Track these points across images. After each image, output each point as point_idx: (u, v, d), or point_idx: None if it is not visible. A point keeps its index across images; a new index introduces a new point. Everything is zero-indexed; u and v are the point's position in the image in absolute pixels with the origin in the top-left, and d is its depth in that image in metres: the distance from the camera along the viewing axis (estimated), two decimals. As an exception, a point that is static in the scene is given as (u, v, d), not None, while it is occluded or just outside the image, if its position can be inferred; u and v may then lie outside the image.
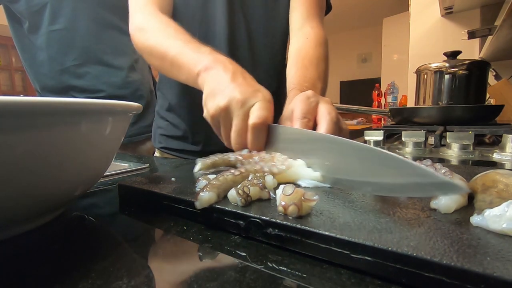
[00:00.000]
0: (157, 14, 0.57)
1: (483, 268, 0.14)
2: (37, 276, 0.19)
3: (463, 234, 0.18)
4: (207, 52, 0.48)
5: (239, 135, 0.40)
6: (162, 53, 0.52)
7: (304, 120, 0.38)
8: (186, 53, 0.49)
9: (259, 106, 0.39)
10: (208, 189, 0.25)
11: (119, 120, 0.29)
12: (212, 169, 0.36)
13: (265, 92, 0.41)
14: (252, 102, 0.39)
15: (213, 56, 0.46)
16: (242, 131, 0.40)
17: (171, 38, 0.52)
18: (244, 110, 0.39)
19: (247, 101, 0.39)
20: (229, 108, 0.40)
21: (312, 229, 0.19)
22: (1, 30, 3.67)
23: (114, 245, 0.25)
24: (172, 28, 0.54)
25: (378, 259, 0.17)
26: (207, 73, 0.45)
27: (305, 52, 0.61)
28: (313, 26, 0.65)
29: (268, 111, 0.39)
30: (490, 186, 0.22)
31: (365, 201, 0.25)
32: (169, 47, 0.51)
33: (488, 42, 1.46)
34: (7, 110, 0.18)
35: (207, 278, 0.18)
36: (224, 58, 0.46)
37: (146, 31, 0.56)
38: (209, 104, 0.42)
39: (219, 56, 0.46)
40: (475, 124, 0.83)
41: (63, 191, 0.26)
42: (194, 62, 0.47)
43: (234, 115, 0.40)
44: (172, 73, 0.53)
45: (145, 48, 0.57)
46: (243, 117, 0.39)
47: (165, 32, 0.54)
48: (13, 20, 0.97)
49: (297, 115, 0.39)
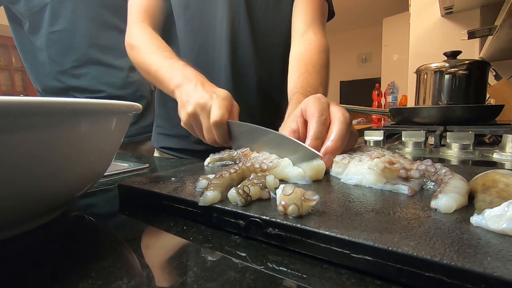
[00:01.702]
0: (145, 31, 0.65)
1: (483, 268, 0.14)
2: (37, 276, 0.19)
3: (463, 234, 0.18)
4: (180, 69, 0.56)
5: (208, 132, 0.49)
6: (146, 69, 0.61)
7: (322, 118, 0.38)
8: (163, 70, 0.57)
9: (215, 105, 0.46)
10: (212, 188, 0.26)
11: (119, 120, 0.29)
12: (219, 162, 0.43)
13: (219, 92, 0.48)
14: (210, 103, 0.47)
15: (182, 73, 0.55)
16: (209, 129, 0.48)
17: (152, 55, 0.61)
18: (206, 112, 0.47)
19: (206, 103, 0.47)
20: (196, 113, 0.49)
21: (312, 228, 0.19)
22: (1, 30, 3.67)
23: (114, 245, 0.25)
24: (154, 45, 0.62)
25: (378, 259, 0.17)
26: (179, 89, 0.53)
27: (308, 57, 0.62)
28: (316, 32, 0.66)
29: (223, 108, 0.46)
30: (490, 186, 0.22)
31: (365, 200, 0.25)
32: (150, 64, 0.60)
33: (488, 42, 1.46)
34: (7, 110, 0.18)
35: (207, 278, 0.18)
36: (192, 73, 0.54)
37: (133, 48, 0.65)
38: (181, 114, 0.52)
39: (188, 72, 0.55)
40: (475, 124, 0.83)
41: (63, 191, 0.26)
42: (169, 80, 0.56)
43: (200, 117, 0.48)
44: (158, 86, 0.63)
45: (135, 63, 0.66)
46: (207, 117, 0.48)
47: (149, 50, 0.62)
48: (13, 21, 0.98)
49: (312, 113, 0.39)
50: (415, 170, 0.28)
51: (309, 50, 0.63)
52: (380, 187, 0.28)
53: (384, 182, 0.28)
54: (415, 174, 0.28)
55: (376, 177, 0.28)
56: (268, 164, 0.33)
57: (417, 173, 0.28)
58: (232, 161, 0.42)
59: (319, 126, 0.37)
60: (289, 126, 0.41)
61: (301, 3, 0.68)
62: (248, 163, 0.33)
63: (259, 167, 0.32)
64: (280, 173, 0.32)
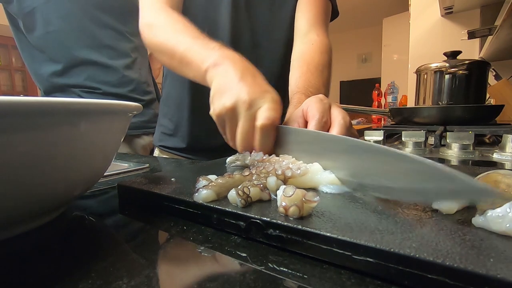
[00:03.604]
0: (166, 9, 0.56)
1: (486, 270, 0.14)
2: (37, 276, 0.19)
3: (466, 235, 0.18)
4: (216, 48, 0.46)
5: (245, 137, 0.39)
6: (170, 50, 0.51)
7: (323, 120, 0.37)
8: (194, 49, 0.48)
9: (267, 107, 0.38)
10: (209, 187, 0.26)
11: (119, 120, 0.29)
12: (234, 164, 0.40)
13: (273, 93, 0.40)
14: (260, 103, 0.38)
15: (221, 52, 0.45)
16: (249, 133, 0.39)
17: (180, 34, 0.51)
18: (251, 112, 0.38)
19: (254, 102, 0.38)
20: (236, 109, 0.39)
21: (313, 230, 0.19)
22: (1, 30, 3.66)
23: (114, 245, 0.25)
24: (181, 23, 0.53)
25: (380, 261, 0.17)
26: (215, 70, 0.43)
27: (311, 57, 0.61)
28: (319, 33, 0.65)
29: (277, 112, 0.38)
30: (492, 186, 0.22)
31: (366, 201, 0.25)
32: (177, 43, 0.50)
33: (488, 42, 1.46)
34: (7, 110, 0.18)
35: (207, 278, 0.18)
36: (234, 54, 0.45)
37: (154, 27, 0.55)
38: (215, 102, 0.41)
39: (228, 52, 0.45)
40: (475, 124, 0.83)
41: (63, 191, 0.26)
42: (202, 58, 0.45)
43: (240, 116, 0.39)
44: (181, 69, 0.52)
45: (154, 45, 0.56)
46: (250, 119, 0.38)
47: (174, 28, 0.53)
48: (11, 21, 0.98)
49: (313, 114, 0.38)
50: None
51: (311, 50, 0.62)
52: None
53: None
54: None
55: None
56: (295, 171, 0.28)
57: None
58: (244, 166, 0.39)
59: (319, 129, 0.37)
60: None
61: (305, 3, 0.67)
62: (269, 167, 0.30)
63: (281, 174, 0.28)
64: (310, 181, 0.29)
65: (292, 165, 0.30)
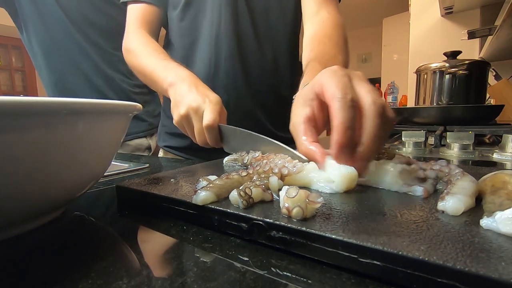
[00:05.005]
0: (141, 35, 0.66)
1: (499, 274, 0.13)
2: (37, 276, 0.19)
3: (474, 238, 0.17)
4: (173, 69, 0.57)
5: (199, 134, 0.50)
6: (142, 71, 0.63)
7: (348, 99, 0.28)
8: (157, 71, 0.59)
9: (208, 110, 0.48)
10: (207, 189, 0.25)
11: (119, 120, 0.28)
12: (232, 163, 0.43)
13: (212, 97, 0.49)
14: (203, 107, 0.48)
15: (176, 72, 0.56)
16: (201, 131, 0.49)
17: (147, 57, 0.62)
18: (198, 115, 0.49)
19: (199, 107, 0.49)
20: (189, 115, 0.50)
21: (318, 232, 0.19)
22: (1, 30, 3.65)
23: (114, 245, 0.24)
24: (149, 47, 0.64)
25: (387, 264, 0.16)
26: (172, 88, 0.54)
27: (323, 32, 0.58)
28: (330, 10, 0.61)
29: (216, 113, 0.48)
30: (500, 187, 0.22)
31: (371, 203, 0.24)
32: (146, 66, 0.61)
33: (488, 42, 1.46)
34: (7, 110, 0.18)
35: (207, 278, 0.18)
36: (185, 73, 0.55)
37: (130, 52, 0.66)
38: (174, 113, 0.52)
39: (181, 72, 0.56)
40: (475, 124, 0.83)
41: (63, 191, 0.26)
42: (163, 79, 0.57)
43: (193, 119, 0.50)
44: (152, 86, 0.64)
45: (132, 67, 0.68)
46: (199, 120, 0.49)
47: (144, 52, 0.63)
48: (15, 22, 0.98)
49: (334, 93, 0.29)
50: (430, 170, 0.28)
51: (323, 26, 0.59)
52: (397, 188, 0.27)
53: (401, 184, 0.27)
54: (431, 175, 0.28)
55: (392, 179, 0.27)
56: (291, 169, 0.29)
57: (433, 174, 0.28)
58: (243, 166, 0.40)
59: (347, 112, 0.28)
60: (302, 113, 0.33)
61: None
62: (266, 167, 0.30)
63: (278, 172, 0.29)
64: (303, 178, 0.29)
65: (288, 163, 0.31)
